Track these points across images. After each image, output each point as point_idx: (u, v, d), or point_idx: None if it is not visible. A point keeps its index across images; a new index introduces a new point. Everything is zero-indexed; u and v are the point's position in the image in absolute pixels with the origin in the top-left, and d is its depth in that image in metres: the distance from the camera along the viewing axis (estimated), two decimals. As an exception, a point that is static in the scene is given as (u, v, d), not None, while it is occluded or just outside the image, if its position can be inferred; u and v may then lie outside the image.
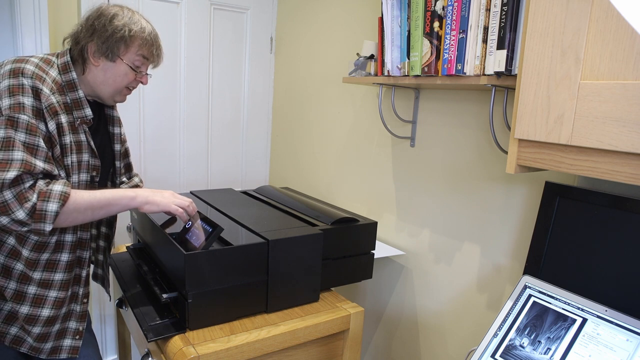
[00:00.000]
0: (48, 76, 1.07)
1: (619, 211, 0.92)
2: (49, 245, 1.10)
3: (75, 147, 1.11)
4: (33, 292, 1.11)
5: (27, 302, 1.10)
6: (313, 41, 2.03)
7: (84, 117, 1.12)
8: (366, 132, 1.75)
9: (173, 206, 1.14)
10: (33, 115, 1.00)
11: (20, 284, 1.10)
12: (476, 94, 1.32)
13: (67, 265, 1.14)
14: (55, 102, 1.05)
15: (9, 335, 1.12)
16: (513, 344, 0.90)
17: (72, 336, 1.19)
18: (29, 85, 1.01)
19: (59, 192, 0.99)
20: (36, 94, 1.01)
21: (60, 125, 1.06)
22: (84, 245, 1.19)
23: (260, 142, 2.40)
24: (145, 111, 2.02)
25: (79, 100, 1.11)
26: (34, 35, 1.72)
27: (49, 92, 1.04)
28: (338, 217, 1.39)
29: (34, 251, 1.09)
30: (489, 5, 1.04)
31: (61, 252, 1.13)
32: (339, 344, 1.31)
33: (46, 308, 1.12)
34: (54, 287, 1.13)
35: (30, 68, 1.03)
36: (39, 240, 1.08)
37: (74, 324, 1.20)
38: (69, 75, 1.10)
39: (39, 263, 1.10)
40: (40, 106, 1.01)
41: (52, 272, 1.12)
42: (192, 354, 1.03)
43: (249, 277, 1.16)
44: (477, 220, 1.34)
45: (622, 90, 0.68)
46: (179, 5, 2.01)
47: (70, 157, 1.10)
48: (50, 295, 1.12)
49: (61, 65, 1.11)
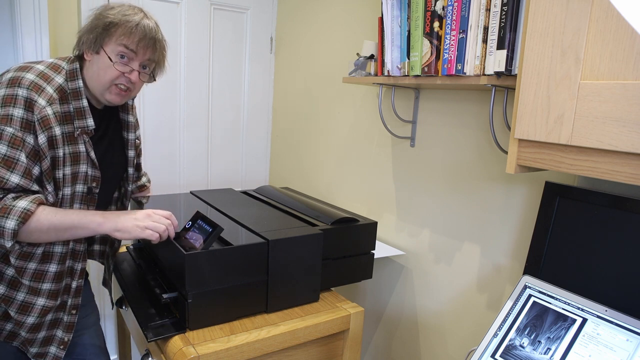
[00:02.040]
0: (51, 84, 1.04)
1: (619, 211, 0.92)
2: (34, 255, 1.08)
3: (71, 158, 1.08)
4: (21, 298, 1.09)
5: (14, 308, 1.09)
6: (313, 41, 2.03)
7: (85, 127, 1.09)
8: (366, 132, 1.75)
9: (147, 232, 1.05)
10: (21, 127, 0.98)
11: (10, 289, 1.08)
12: (476, 94, 1.32)
13: (56, 275, 1.12)
14: (50, 113, 1.02)
15: (4, 331, 1.11)
16: (513, 344, 0.90)
17: (58, 345, 1.17)
18: (23, 96, 0.99)
19: (21, 209, 0.95)
20: (29, 105, 0.99)
21: (53, 138, 1.03)
22: (77, 257, 1.16)
23: (260, 142, 2.40)
24: (145, 111, 2.02)
25: (82, 110, 1.09)
26: (34, 35, 1.72)
27: (45, 103, 1.02)
28: (338, 217, 1.39)
29: (19, 259, 1.06)
30: (489, 5, 1.04)
31: (49, 263, 1.10)
32: (339, 344, 1.31)
33: (32, 316, 1.10)
34: (42, 295, 1.11)
35: (30, 77, 1.01)
36: (23, 250, 1.06)
37: (60, 333, 1.17)
38: (75, 83, 1.08)
39: (26, 272, 1.08)
40: (31, 118, 0.99)
41: (40, 282, 1.10)
42: (192, 354, 1.02)
43: (249, 277, 1.16)
44: (477, 220, 1.34)
45: (622, 90, 0.68)
46: (179, 5, 2.01)
47: (63, 169, 1.07)
48: (38, 303, 1.11)
49: (69, 72, 1.09)
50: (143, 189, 1.52)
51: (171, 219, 1.11)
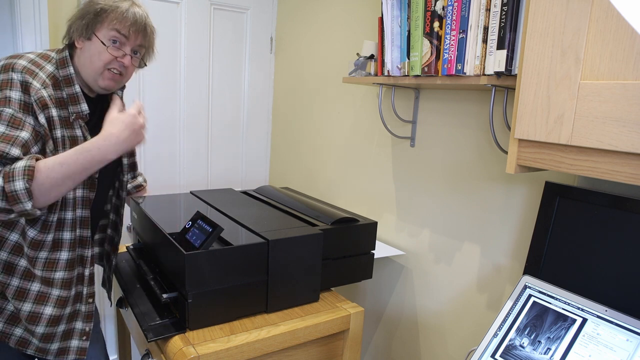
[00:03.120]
0: (43, 71, 1.06)
1: (619, 211, 0.92)
2: (45, 243, 1.09)
3: (69, 142, 1.09)
4: (36, 289, 1.10)
5: (30, 300, 1.09)
6: (313, 41, 2.03)
7: (79, 112, 1.10)
8: (366, 132, 1.75)
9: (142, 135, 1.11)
10: (20, 109, 0.99)
11: (24, 280, 1.09)
12: (476, 94, 1.32)
13: (68, 263, 1.13)
14: (45, 95, 1.03)
15: (13, 336, 1.11)
16: (513, 344, 0.90)
17: (79, 337, 1.18)
18: (18, 79, 1.00)
19: (22, 167, 0.94)
20: (25, 88, 1.00)
21: (51, 119, 1.05)
22: (85, 243, 1.18)
23: (260, 142, 2.40)
24: (145, 111, 2.02)
25: (76, 95, 1.10)
26: (34, 35, 1.72)
27: (40, 85, 1.03)
28: (338, 217, 1.39)
29: (31, 249, 1.08)
30: (489, 5, 1.04)
31: (60, 251, 1.12)
32: (339, 344, 1.31)
33: (49, 306, 1.11)
34: (56, 286, 1.12)
35: (22, 63, 1.03)
36: (34, 238, 1.07)
37: (80, 324, 1.18)
38: (66, 70, 1.09)
39: (38, 261, 1.09)
40: (29, 100, 1.01)
41: (52, 270, 1.11)
42: (192, 354, 1.02)
43: (249, 277, 1.16)
44: (477, 220, 1.34)
45: (622, 90, 0.68)
46: (179, 5, 2.01)
47: (63, 152, 1.07)
48: (53, 294, 1.11)
49: (59, 60, 1.10)
50: (140, 189, 1.53)
51: (140, 113, 1.13)
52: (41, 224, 1.08)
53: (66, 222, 1.12)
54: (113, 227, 1.35)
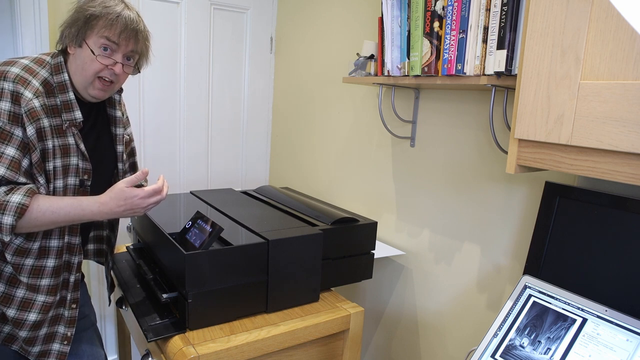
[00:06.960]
0: (36, 78, 1.04)
1: (619, 211, 0.92)
2: (31, 251, 1.08)
3: (60, 151, 1.08)
4: (21, 295, 1.08)
5: (14, 306, 1.08)
6: (313, 41, 2.03)
7: (72, 119, 1.08)
8: (366, 132, 1.75)
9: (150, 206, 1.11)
10: (8, 120, 0.98)
11: (9, 286, 1.08)
12: (476, 94, 1.32)
13: (54, 270, 1.11)
14: (37, 106, 1.02)
15: (2, 333, 1.11)
16: (513, 344, 0.90)
17: (61, 341, 1.17)
18: (9, 89, 0.99)
19: (16, 204, 0.96)
20: (15, 98, 0.99)
21: (42, 130, 1.03)
22: (73, 250, 1.16)
23: (260, 142, 2.40)
24: (145, 111, 2.02)
25: (69, 103, 1.08)
26: (34, 37, 1.72)
27: (32, 95, 1.02)
28: (338, 217, 1.39)
29: (16, 256, 1.06)
30: (489, 5, 1.04)
31: (46, 258, 1.10)
32: (339, 344, 1.31)
33: (33, 312, 1.10)
34: (42, 292, 1.10)
35: (15, 71, 1.01)
36: (19, 246, 1.06)
37: (62, 328, 1.17)
38: (60, 77, 1.08)
39: (24, 268, 1.08)
40: (18, 111, 1.00)
41: (38, 278, 1.09)
42: (192, 354, 1.03)
43: (249, 277, 1.16)
44: (477, 220, 1.34)
45: (622, 90, 0.68)
46: (179, 5, 2.01)
47: (54, 161, 1.07)
48: (38, 300, 1.10)
49: (54, 65, 1.09)
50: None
51: (159, 194, 1.12)
52: (27, 232, 1.06)
53: (54, 230, 1.10)
54: (109, 227, 1.35)
